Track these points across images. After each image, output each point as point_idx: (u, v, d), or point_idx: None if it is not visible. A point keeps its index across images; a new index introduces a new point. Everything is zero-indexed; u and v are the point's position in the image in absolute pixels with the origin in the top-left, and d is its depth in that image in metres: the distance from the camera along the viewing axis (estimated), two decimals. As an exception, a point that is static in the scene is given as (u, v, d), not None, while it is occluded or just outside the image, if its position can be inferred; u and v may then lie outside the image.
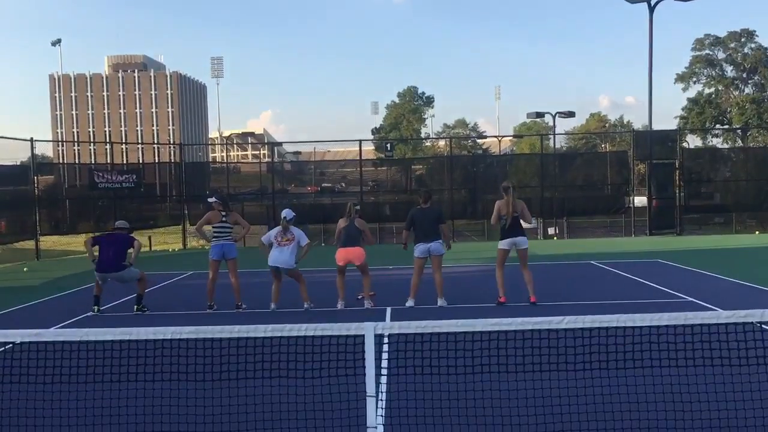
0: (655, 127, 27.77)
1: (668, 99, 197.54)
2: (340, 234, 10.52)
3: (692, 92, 56.97)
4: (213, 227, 10.61)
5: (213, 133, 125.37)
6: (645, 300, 10.56)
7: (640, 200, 26.74)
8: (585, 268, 15.04)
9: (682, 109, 56.99)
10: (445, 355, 4.54)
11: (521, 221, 10.22)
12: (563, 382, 4.71)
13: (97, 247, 10.18)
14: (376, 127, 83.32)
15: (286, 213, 10.25)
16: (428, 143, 73.74)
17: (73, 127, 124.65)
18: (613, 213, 26.56)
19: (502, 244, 10.22)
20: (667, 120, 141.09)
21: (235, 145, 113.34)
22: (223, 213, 10.45)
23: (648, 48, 26.46)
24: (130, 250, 10.33)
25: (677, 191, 24.99)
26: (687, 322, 4.20)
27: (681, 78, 57.22)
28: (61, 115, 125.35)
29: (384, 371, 4.92)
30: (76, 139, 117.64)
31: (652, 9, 26.48)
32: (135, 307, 10.38)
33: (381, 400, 4.22)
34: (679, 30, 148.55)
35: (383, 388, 4.48)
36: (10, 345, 5.08)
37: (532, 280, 10.28)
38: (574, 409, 4.75)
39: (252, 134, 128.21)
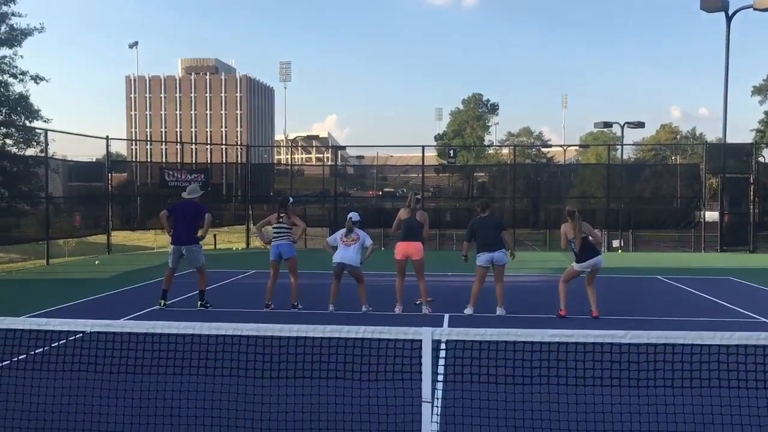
0: (730, 140, 26.77)
1: (744, 112, 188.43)
2: (400, 225, 10.51)
3: (770, 105, 54.62)
4: (273, 228, 10.85)
5: (279, 136, 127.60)
6: (713, 318, 10.18)
7: (711, 215, 25.78)
8: (651, 283, 14.60)
9: (759, 123, 54.69)
10: (502, 365, 4.47)
11: (591, 241, 9.98)
12: (625, 398, 4.58)
13: (171, 218, 10.79)
14: (439, 134, 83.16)
15: (353, 215, 10.48)
16: (491, 151, 73.14)
17: (146, 127, 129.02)
18: (682, 227, 25.69)
19: (578, 266, 9.99)
20: (742, 133, 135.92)
21: (299, 148, 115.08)
22: (281, 214, 10.68)
23: (724, 58, 25.59)
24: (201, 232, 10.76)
25: (751, 207, 24.04)
26: (759, 343, 4.02)
27: (758, 90, 54.86)
28: (135, 114, 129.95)
29: (440, 377, 4.89)
30: (148, 139, 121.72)
31: (729, 18, 25.57)
32: (198, 303, 10.68)
33: (436, 406, 4.19)
34: (757, 40, 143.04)
35: (439, 394, 4.44)
36: (81, 334, 5.28)
37: (596, 294, 10.07)
38: (636, 426, 4.61)
39: (316, 137, 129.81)
